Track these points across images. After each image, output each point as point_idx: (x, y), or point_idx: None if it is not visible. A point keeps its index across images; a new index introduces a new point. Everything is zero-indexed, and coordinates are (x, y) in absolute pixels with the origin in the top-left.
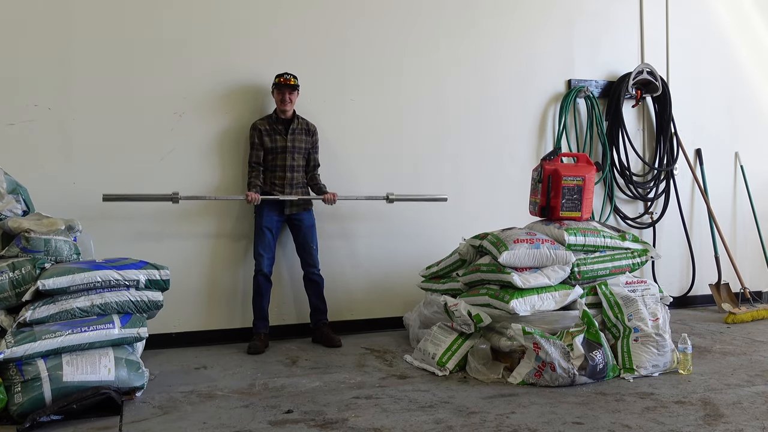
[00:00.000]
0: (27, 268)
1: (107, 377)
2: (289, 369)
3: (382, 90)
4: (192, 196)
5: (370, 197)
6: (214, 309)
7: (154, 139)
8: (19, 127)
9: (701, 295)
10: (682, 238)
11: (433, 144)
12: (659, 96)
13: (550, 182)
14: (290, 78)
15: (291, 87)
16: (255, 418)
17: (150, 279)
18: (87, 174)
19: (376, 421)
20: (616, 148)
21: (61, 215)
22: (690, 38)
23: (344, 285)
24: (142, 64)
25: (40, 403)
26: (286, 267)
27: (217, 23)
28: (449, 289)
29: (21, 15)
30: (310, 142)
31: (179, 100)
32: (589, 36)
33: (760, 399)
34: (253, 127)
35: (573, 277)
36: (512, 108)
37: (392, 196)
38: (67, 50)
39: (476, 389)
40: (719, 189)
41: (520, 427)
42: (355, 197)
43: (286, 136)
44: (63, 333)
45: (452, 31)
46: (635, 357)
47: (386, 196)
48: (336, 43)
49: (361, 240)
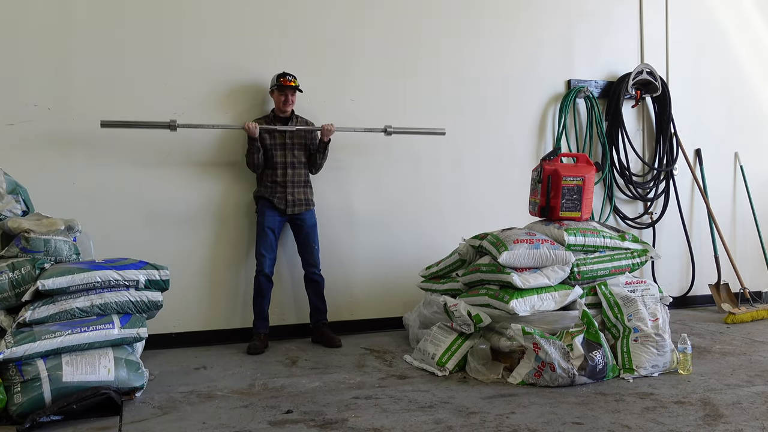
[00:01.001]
0: (27, 268)
1: (107, 377)
2: (288, 369)
3: (382, 90)
4: (190, 124)
5: (369, 129)
6: (214, 309)
7: (154, 139)
8: (19, 127)
9: (701, 296)
10: (681, 239)
11: (433, 144)
12: (659, 96)
13: (549, 182)
14: (291, 79)
15: (292, 88)
16: (255, 418)
17: (149, 279)
18: (87, 174)
19: (376, 422)
20: (615, 149)
21: (61, 215)
22: (690, 38)
23: (344, 285)
24: (142, 63)
25: (39, 404)
26: (286, 267)
27: (217, 23)
28: (449, 289)
29: (21, 15)
30: (309, 138)
31: (179, 101)
32: (589, 36)
33: (759, 399)
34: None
35: (573, 277)
36: (512, 108)
37: (390, 129)
38: (67, 50)
39: (476, 389)
40: (719, 189)
41: (519, 427)
42: (353, 129)
43: (284, 133)
44: (63, 333)
45: (452, 31)
46: (635, 357)
47: (384, 129)
48: (336, 44)
49: (362, 240)
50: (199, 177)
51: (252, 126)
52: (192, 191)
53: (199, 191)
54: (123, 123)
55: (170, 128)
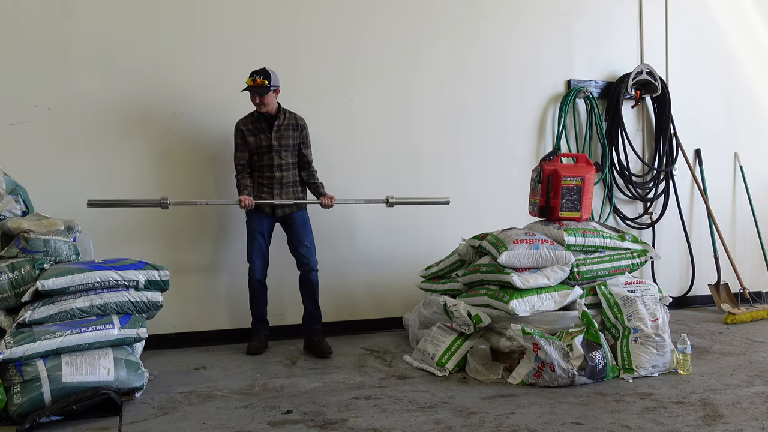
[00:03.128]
0: (26, 268)
1: (106, 378)
2: (288, 369)
3: (382, 90)
4: (181, 202)
5: (370, 201)
6: (214, 309)
7: (154, 139)
8: (19, 127)
9: (700, 296)
10: (681, 239)
11: (433, 144)
12: (658, 96)
13: (549, 182)
14: (258, 78)
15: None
16: (254, 418)
17: (149, 279)
18: (87, 174)
19: (376, 422)
20: (615, 149)
21: (61, 216)
22: (690, 38)
23: (344, 285)
24: (142, 63)
25: (39, 404)
26: (285, 267)
27: (216, 22)
28: (449, 289)
29: (21, 15)
30: (298, 138)
31: (180, 101)
32: (588, 36)
33: (759, 399)
34: (236, 128)
35: (572, 277)
36: (512, 108)
37: (392, 199)
38: (67, 50)
39: (476, 389)
40: (719, 189)
41: (519, 427)
42: (353, 201)
43: (270, 134)
44: (62, 333)
45: (452, 32)
46: (635, 357)
47: (386, 200)
48: (336, 43)
49: (361, 240)
50: (199, 176)
51: (248, 202)
52: (192, 190)
53: (199, 190)
54: (111, 202)
55: (161, 206)
